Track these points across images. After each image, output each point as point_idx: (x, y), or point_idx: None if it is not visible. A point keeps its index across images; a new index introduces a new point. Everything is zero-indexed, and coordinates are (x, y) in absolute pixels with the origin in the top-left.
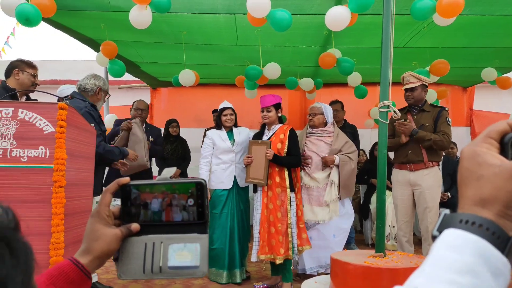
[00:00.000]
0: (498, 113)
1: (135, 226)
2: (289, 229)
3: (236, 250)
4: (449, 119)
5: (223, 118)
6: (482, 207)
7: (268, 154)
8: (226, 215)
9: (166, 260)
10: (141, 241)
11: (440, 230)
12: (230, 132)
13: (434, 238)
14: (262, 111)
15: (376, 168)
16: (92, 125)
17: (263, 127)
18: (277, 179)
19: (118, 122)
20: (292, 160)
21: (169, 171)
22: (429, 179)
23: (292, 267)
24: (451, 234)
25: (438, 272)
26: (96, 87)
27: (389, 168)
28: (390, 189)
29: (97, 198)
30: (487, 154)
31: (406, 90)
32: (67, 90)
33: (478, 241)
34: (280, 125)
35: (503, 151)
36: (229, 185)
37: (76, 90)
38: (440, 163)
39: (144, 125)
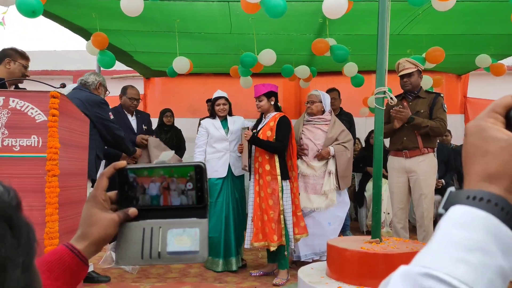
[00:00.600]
0: (492, 100)
1: (132, 210)
2: (282, 216)
3: (232, 238)
4: (445, 105)
5: (216, 108)
6: (490, 183)
7: (245, 135)
8: (221, 204)
9: (165, 246)
10: (139, 226)
11: (446, 208)
12: (224, 121)
13: (440, 216)
14: (256, 101)
15: (371, 156)
16: (110, 113)
17: (262, 116)
18: (267, 167)
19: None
20: (273, 144)
21: (167, 155)
22: (425, 166)
23: (286, 253)
24: (458, 211)
25: (445, 250)
26: (97, 82)
27: (384, 156)
28: (385, 177)
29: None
30: (493, 128)
31: (403, 76)
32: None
33: (487, 217)
34: (275, 113)
35: (508, 126)
36: (223, 173)
37: (78, 85)
38: (435, 149)
39: (135, 113)
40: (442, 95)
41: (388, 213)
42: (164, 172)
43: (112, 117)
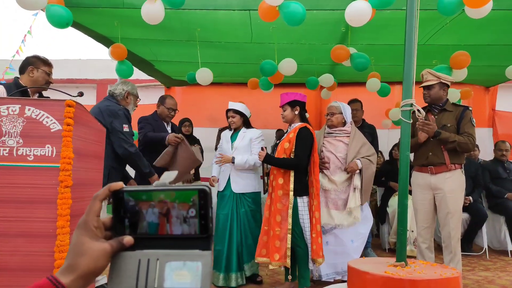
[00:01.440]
0: None
1: (128, 239)
2: (288, 235)
3: (233, 254)
4: (473, 119)
5: (228, 120)
6: None
7: (259, 156)
8: (225, 217)
9: (162, 280)
10: (134, 256)
11: None
12: (236, 134)
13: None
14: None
15: (394, 170)
16: (126, 125)
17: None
18: (280, 180)
19: (142, 120)
20: (288, 161)
21: (169, 176)
22: (452, 183)
23: (289, 277)
24: None
25: None
26: (125, 92)
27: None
28: (409, 192)
29: None
30: None
31: (423, 88)
32: None
33: None
34: (298, 124)
35: None
36: (221, 187)
37: (108, 96)
38: (463, 165)
39: (171, 125)
40: (470, 108)
41: (412, 231)
42: (164, 196)
43: (126, 129)
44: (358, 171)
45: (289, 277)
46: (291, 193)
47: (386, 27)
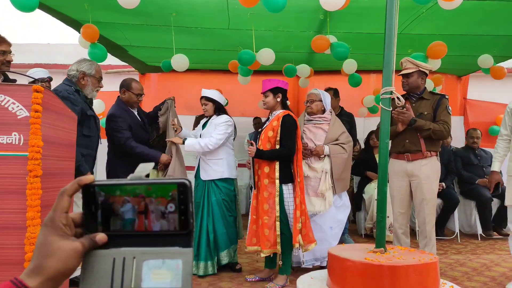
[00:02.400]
0: (492, 103)
1: (100, 237)
2: (277, 223)
3: (203, 242)
4: (449, 107)
5: (202, 107)
6: None
7: (249, 152)
8: (197, 205)
9: (140, 280)
10: (108, 255)
11: None
12: (208, 121)
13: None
14: (263, 97)
15: (371, 158)
16: None
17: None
18: (266, 169)
19: (115, 118)
20: (278, 152)
21: (145, 168)
22: (427, 170)
23: (279, 263)
24: None
25: None
26: (79, 73)
27: None
28: None
29: None
30: None
31: (402, 76)
32: (36, 73)
33: None
34: (280, 111)
35: None
36: (195, 174)
37: (65, 79)
38: (438, 153)
39: (137, 110)
40: (447, 97)
41: (388, 216)
42: (140, 190)
43: (86, 113)
44: (327, 156)
45: (279, 262)
46: (277, 181)
47: (364, 15)
